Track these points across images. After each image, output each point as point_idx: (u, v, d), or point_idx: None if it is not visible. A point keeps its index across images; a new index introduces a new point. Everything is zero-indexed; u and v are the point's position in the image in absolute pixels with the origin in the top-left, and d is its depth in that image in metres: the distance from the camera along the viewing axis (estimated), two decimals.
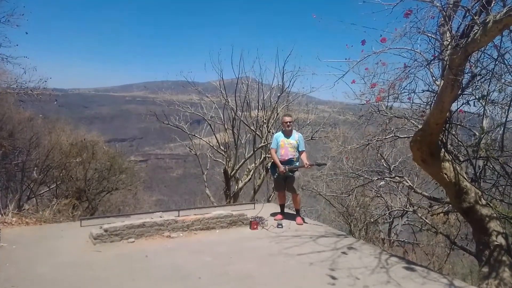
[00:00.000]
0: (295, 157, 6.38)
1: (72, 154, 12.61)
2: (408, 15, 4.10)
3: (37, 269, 4.15)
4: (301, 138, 6.52)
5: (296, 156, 6.39)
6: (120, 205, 15.52)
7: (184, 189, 45.81)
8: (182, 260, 4.61)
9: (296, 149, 6.38)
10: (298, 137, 6.47)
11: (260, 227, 6.12)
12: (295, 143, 6.37)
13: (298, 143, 6.39)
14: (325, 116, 12.18)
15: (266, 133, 11.23)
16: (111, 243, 5.12)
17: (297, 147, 6.38)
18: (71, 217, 8.88)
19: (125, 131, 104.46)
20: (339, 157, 8.55)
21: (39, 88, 8.83)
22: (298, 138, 6.44)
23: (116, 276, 4.05)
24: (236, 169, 11.74)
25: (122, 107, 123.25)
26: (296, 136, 6.45)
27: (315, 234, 5.85)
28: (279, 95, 11.26)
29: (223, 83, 11.83)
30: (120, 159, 15.14)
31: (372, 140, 7.02)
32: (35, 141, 11.74)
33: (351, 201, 10.85)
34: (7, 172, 10.73)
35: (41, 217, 7.11)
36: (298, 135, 6.52)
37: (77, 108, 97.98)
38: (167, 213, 6.36)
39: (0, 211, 6.72)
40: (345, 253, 5.02)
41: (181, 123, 12.65)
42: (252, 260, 4.68)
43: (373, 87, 5.32)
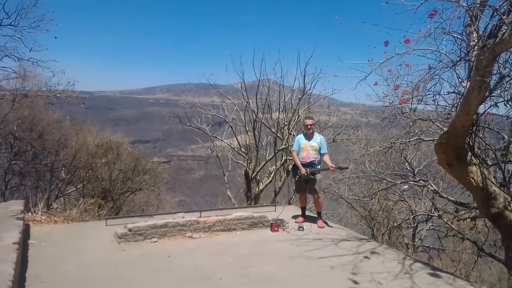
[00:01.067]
0: (317, 159, 6.33)
1: (98, 155, 12.94)
2: (433, 16, 4.02)
3: (64, 266, 4.29)
4: (323, 141, 6.45)
5: (317, 159, 6.33)
6: (144, 205, 15.82)
7: (206, 190, 46.23)
8: (204, 261, 4.67)
9: (317, 151, 6.31)
10: (320, 139, 6.41)
11: (281, 229, 6.11)
12: (317, 145, 6.31)
13: (320, 145, 6.33)
14: (347, 119, 12.04)
15: (287, 135, 11.21)
16: (135, 242, 5.24)
17: (319, 149, 6.32)
18: (96, 216, 9.11)
19: (149, 133, 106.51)
20: (361, 160, 8.44)
21: (67, 91, 9.15)
22: (320, 141, 6.37)
23: (139, 276, 4.14)
24: (257, 171, 11.77)
25: (146, 109, 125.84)
26: (318, 139, 6.39)
27: (336, 238, 5.79)
28: (300, 97, 11.22)
29: (244, 85, 11.89)
30: (144, 160, 15.41)
31: (396, 143, 6.90)
32: (63, 142, 12.12)
33: (373, 205, 10.67)
34: (37, 172, 11.13)
35: (68, 215, 7.35)
36: (320, 137, 6.46)
37: (103, 110, 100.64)
38: (189, 214, 6.45)
39: (30, 209, 6.98)
40: (367, 257, 4.95)
41: (203, 125, 12.79)
42: (273, 262, 4.68)
43: (397, 89, 5.24)
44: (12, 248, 3.84)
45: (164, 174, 18.23)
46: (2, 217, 5.06)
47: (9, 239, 4.07)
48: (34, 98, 10.00)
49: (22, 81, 8.91)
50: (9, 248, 3.84)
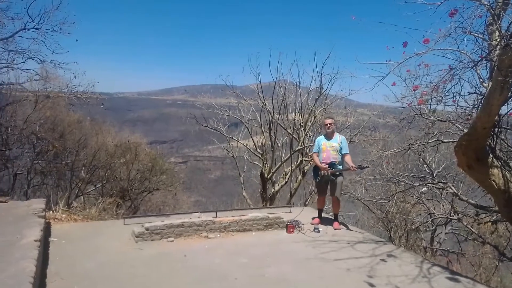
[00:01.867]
0: (338, 160, 6.23)
1: (117, 155, 13.17)
2: (453, 15, 3.94)
3: (83, 264, 4.39)
4: (344, 141, 6.34)
5: (338, 159, 6.23)
6: (161, 205, 16.01)
7: (222, 191, 46.44)
8: (219, 261, 4.70)
9: (338, 152, 6.21)
10: (341, 139, 6.30)
11: (296, 230, 6.09)
12: (337, 145, 6.21)
13: (341, 145, 6.23)
14: (364, 119, 11.89)
15: (303, 136, 11.17)
16: (152, 241, 5.32)
17: (340, 149, 6.22)
18: (115, 215, 9.28)
19: (166, 134, 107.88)
20: (378, 162, 8.33)
21: (87, 92, 9.36)
22: (341, 141, 6.27)
23: (156, 274, 4.20)
24: (273, 172, 11.76)
25: (163, 110, 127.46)
26: (339, 139, 6.29)
27: (352, 240, 5.74)
28: (317, 98, 11.16)
29: (260, 86, 11.89)
30: (161, 160, 15.59)
31: (414, 145, 6.78)
32: (83, 142, 12.38)
33: (391, 207, 10.51)
34: (58, 171, 11.39)
35: (88, 214, 7.51)
36: (340, 137, 6.35)
37: (122, 111, 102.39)
38: (205, 214, 6.50)
39: (51, 207, 7.16)
40: (384, 260, 4.89)
41: (219, 125, 12.86)
42: (288, 264, 4.68)
43: (415, 89, 5.17)
44: (34, 245, 3.95)
45: (181, 174, 18.40)
46: (25, 215, 5.22)
47: (31, 237, 4.18)
48: (55, 99, 10.26)
49: (44, 82, 9.17)
50: (31, 245, 3.95)
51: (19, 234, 4.25)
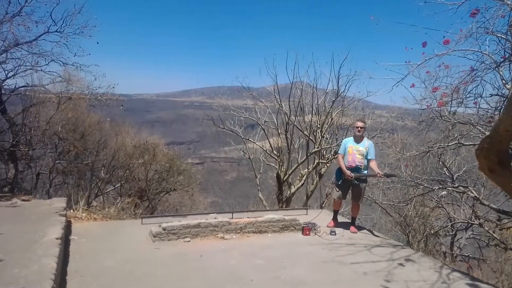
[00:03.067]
0: (363, 164, 6.11)
1: (135, 156, 13.38)
2: (475, 15, 3.87)
3: (102, 262, 4.48)
4: (371, 146, 6.20)
5: (364, 164, 6.11)
6: (178, 205, 16.16)
7: (238, 192, 46.60)
8: (235, 262, 4.72)
9: (364, 156, 6.10)
10: (368, 144, 6.18)
11: (312, 233, 6.07)
12: (364, 150, 6.09)
13: (368, 150, 6.11)
14: (382, 121, 11.73)
15: (320, 138, 11.10)
16: (169, 241, 5.38)
17: (366, 154, 6.10)
18: (133, 215, 9.42)
19: (184, 135, 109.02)
20: (396, 164, 8.19)
21: (107, 94, 9.53)
22: (368, 146, 6.15)
23: (173, 274, 4.25)
24: (289, 174, 11.72)
25: (181, 111, 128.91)
26: (366, 143, 6.17)
27: (369, 243, 5.68)
28: (334, 99, 11.07)
29: (277, 88, 11.89)
30: (178, 161, 15.74)
31: (434, 147, 6.65)
32: (103, 143, 12.62)
33: (409, 211, 10.32)
34: (79, 171, 11.65)
35: (107, 213, 7.65)
36: (368, 142, 6.23)
37: (140, 113, 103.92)
38: (221, 215, 6.54)
39: (72, 206, 7.33)
40: (402, 264, 4.82)
41: (236, 127, 12.92)
42: (304, 266, 4.66)
43: (435, 91, 5.09)
44: (55, 243, 4.05)
45: (198, 175, 18.54)
46: (47, 214, 5.36)
47: (52, 234, 4.30)
48: (77, 101, 10.49)
49: (66, 84, 9.38)
50: (53, 243, 4.06)
51: (41, 232, 4.38)
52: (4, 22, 7.15)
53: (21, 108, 8.68)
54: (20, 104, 8.76)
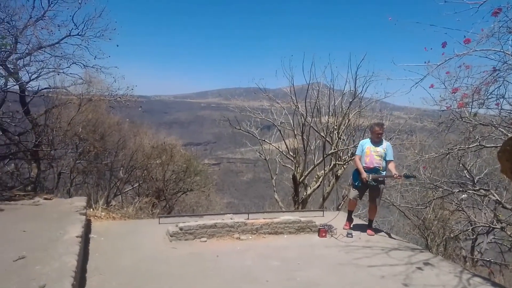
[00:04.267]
0: (381, 166, 6.07)
1: (153, 156, 13.55)
2: (497, 14, 3.79)
3: (121, 260, 4.57)
4: (389, 147, 6.17)
5: (382, 166, 6.07)
6: (194, 206, 16.29)
7: (254, 193, 46.68)
8: (251, 263, 4.73)
9: (382, 158, 6.06)
10: (387, 145, 6.14)
11: (328, 235, 6.03)
12: (382, 151, 6.05)
13: (386, 152, 6.06)
14: (400, 123, 11.53)
15: (336, 139, 11.01)
16: (185, 241, 5.44)
17: (384, 156, 6.06)
18: (150, 214, 9.55)
19: (200, 136, 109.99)
20: (415, 167, 8.05)
21: (126, 95, 9.68)
22: (386, 147, 6.11)
23: (189, 274, 4.30)
24: (305, 175, 11.67)
25: (198, 113, 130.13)
26: (385, 145, 6.13)
27: (387, 246, 5.60)
28: (351, 100, 10.97)
29: (293, 89, 11.85)
30: (195, 162, 15.86)
31: (453, 149, 6.50)
32: (122, 144, 12.84)
33: (428, 214, 10.11)
34: (98, 171, 11.88)
35: (125, 213, 7.80)
36: (386, 143, 6.19)
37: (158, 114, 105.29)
38: (237, 215, 6.57)
39: (92, 205, 7.50)
40: (420, 268, 4.74)
41: (252, 128, 12.93)
42: (320, 268, 4.64)
43: (455, 92, 4.99)
44: (76, 241, 4.15)
45: (214, 176, 18.65)
46: (68, 212, 5.50)
47: (73, 233, 4.41)
48: (97, 102, 10.70)
49: (87, 86, 9.58)
50: (73, 241, 4.16)
51: (62, 230, 4.49)
52: (28, 26, 7.37)
53: (44, 110, 8.91)
54: (43, 105, 9.00)
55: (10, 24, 7.02)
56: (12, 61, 7.18)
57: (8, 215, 5.19)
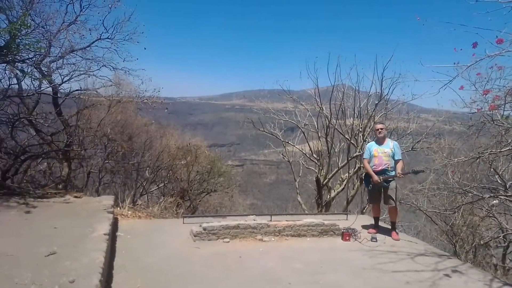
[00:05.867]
0: (390, 166, 6.07)
1: (178, 157, 13.77)
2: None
3: (146, 259, 4.68)
4: (396, 146, 6.19)
5: (391, 165, 6.08)
6: (218, 206, 16.43)
7: (276, 195, 46.57)
8: (273, 264, 4.74)
9: (391, 157, 6.06)
10: (393, 145, 6.15)
11: (352, 239, 5.96)
12: (390, 151, 6.07)
13: (394, 151, 6.08)
14: (428, 126, 11.22)
15: (362, 142, 10.83)
16: (209, 241, 5.51)
17: (393, 155, 6.07)
18: (175, 214, 9.70)
19: (224, 137, 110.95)
20: (443, 170, 7.82)
21: (153, 97, 9.86)
22: (393, 146, 6.12)
23: (212, 273, 4.35)
24: (329, 178, 11.55)
25: (222, 114, 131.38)
26: (391, 144, 6.15)
27: (413, 252, 5.48)
28: (377, 102, 10.77)
29: (318, 90, 11.76)
30: (219, 163, 15.99)
31: (484, 153, 6.27)
32: (148, 144, 13.13)
33: (456, 219, 9.79)
34: (125, 171, 12.19)
35: (151, 212, 7.96)
36: (393, 143, 6.21)
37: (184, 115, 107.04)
38: (260, 217, 6.58)
39: (119, 204, 7.70)
40: (448, 275, 4.60)
41: (275, 130, 12.92)
42: (344, 272, 4.59)
43: (486, 94, 4.84)
44: (103, 239, 4.29)
45: (237, 177, 18.73)
46: (96, 210, 5.68)
47: (101, 230, 4.56)
48: (125, 104, 10.97)
49: (116, 88, 9.83)
50: (101, 238, 4.30)
51: (90, 227, 4.65)
52: (61, 30, 7.65)
53: (75, 111, 9.22)
54: (74, 106, 9.31)
55: (44, 28, 7.31)
56: (46, 64, 7.46)
57: (40, 212, 5.41)
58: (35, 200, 5.95)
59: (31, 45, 5.84)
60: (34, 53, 6.36)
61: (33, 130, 7.94)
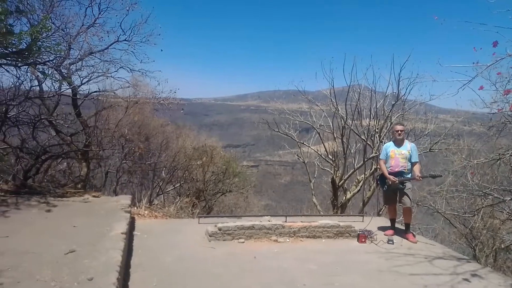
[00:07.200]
0: (407, 168, 5.98)
1: (194, 158, 13.90)
2: None
3: (162, 258, 4.74)
4: (414, 148, 6.10)
5: (407, 168, 5.99)
6: (233, 207, 16.50)
7: (291, 196, 46.39)
8: (288, 265, 4.73)
9: (407, 160, 5.98)
10: (411, 147, 6.06)
11: (368, 241, 5.89)
12: (407, 153, 5.98)
13: (411, 153, 5.99)
14: (446, 126, 11.00)
15: (378, 143, 10.70)
16: (224, 241, 5.54)
17: (409, 158, 5.98)
18: (191, 214, 9.79)
19: (239, 138, 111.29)
20: (462, 172, 7.65)
21: (169, 98, 9.99)
22: (411, 148, 6.03)
23: (227, 273, 4.37)
24: (345, 179, 11.45)
25: (237, 115, 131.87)
26: (409, 146, 6.05)
27: (431, 255, 5.38)
28: (394, 103, 10.63)
29: (333, 91, 11.69)
30: (234, 163, 16.06)
31: (505, 155, 6.13)
32: (164, 145, 13.30)
33: (476, 222, 9.57)
34: (142, 171, 12.37)
35: (167, 212, 8.05)
36: (410, 145, 6.12)
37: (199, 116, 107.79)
38: (275, 218, 6.58)
39: (136, 204, 7.82)
40: (467, 279, 4.50)
41: (290, 131, 12.89)
42: (359, 274, 4.54)
43: (507, 94, 4.74)
44: (121, 238, 4.37)
45: (252, 178, 18.76)
46: (114, 210, 5.79)
47: (118, 229, 4.64)
48: (142, 105, 11.15)
49: (134, 90, 9.99)
50: (118, 237, 4.38)
51: (109, 226, 4.74)
52: (81, 33, 7.85)
53: (94, 112, 9.42)
54: (93, 108, 9.51)
55: (64, 31, 7.50)
56: (66, 66, 7.65)
57: (60, 211, 5.55)
58: (55, 199, 6.10)
59: (51, 47, 5.99)
60: (54, 55, 6.52)
61: (54, 130, 8.15)
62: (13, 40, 5.36)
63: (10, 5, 5.54)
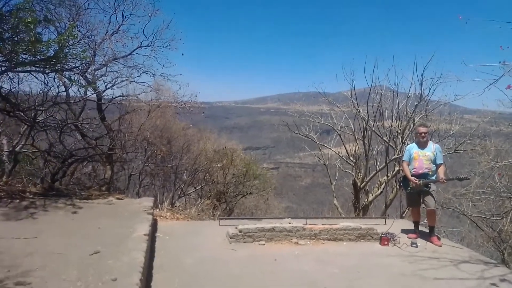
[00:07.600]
0: (431, 170, 5.84)
1: (215, 160, 14.04)
2: None
3: (184, 259, 4.80)
4: (438, 150, 5.95)
5: (432, 170, 5.85)
6: (253, 209, 16.53)
7: (312, 198, 46.05)
8: (309, 268, 4.70)
9: (432, 161, 5.84)
10: (435, 148, 5.91)
11: (391, 244, 5.79)
12: (431, 155, 5.84)
13: (435, 155, 5.85)
14: (472, 127, 10.69)
15: (401, 144, 10.51)
16: (244, 243, 5.56)
17: (434, 159, 5.84)
18: (212, 216, 9.87)
19: (259, 140, 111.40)
20: (489, 173, 7.41)
21: (190, 102, 10.12)
22: (435, 150, 5.89)
23: (248, 275, 4.39)
24: (366, 181, 11.29)
25: (257, 118, 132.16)
26: (433, 148, 5.91)
27: (456, 259, 5.24)
28: (417, 104, 10.41)
29: (354, 92, 11.56)
30: (255, 166, 16.10)
31: None
32: (186, 148, 13.49)
33: (504, 225, 9.25)
34: (164, 174, 12.59)
35: (188, 214, 8.16)
36: (435, 146, 5.97)
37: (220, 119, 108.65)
38: (296, 220, 6.56)
39: (158, 206, 7.95)
40: (495, 285, 4.36)
41: (311, 133, 12.82)
42: (381, 278, 4.47)
43: None
44: (143, 239, 4.45)
45: (273, 180, 18.76)
46: (137, 211, 5.90)
47: (141, 231, 4.73)
48: (164, 109, 11.34)
49: (156, 94, 10.17)
50: (141, 238, 4.46)
51: (131, 228, 4.84)
52: (105, 39, 8.07)
53: (117, 116, 9.65)
54: (117, 112, 9.74)
55: (89, 38, 7.75)
56: (91, 72, 7.89)
57: (86, 213, 5.70)
58: (80, 201, 6.27)
59: (77, 54, 6.18)
60: (80, 62, 6.72)
61: (79, 134, 8.39)
62: (41, 48, 5.57)
63: (39, 14, 5.76)
